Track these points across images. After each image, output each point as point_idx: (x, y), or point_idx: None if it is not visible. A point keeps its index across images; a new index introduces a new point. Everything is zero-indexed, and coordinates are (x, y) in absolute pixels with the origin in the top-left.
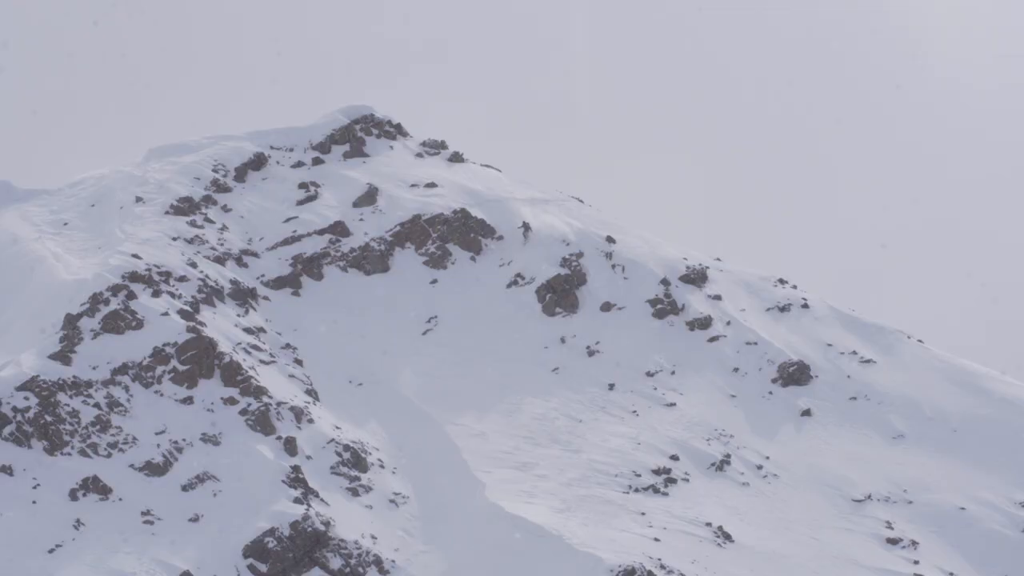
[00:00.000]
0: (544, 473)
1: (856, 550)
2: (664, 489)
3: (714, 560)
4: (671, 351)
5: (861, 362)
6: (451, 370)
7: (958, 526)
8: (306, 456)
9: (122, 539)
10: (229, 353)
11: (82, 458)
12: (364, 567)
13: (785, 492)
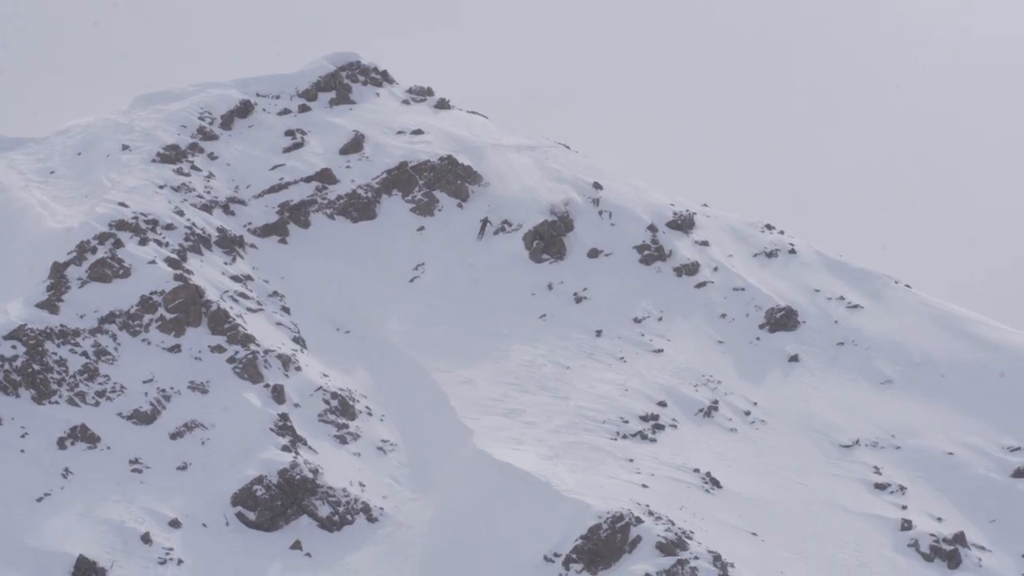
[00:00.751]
0: (532, 420)
1: (844, 495)
2: (652, 435)
3: (702, 506)
4: (658, 297)
5: (848, 307)
6: (438, 317)
7: (946, 471)
8: (294, 404)
9: (110, 488)
10: (216, 301)
11: (70, 407)
12: (352, 514)
13: (773, 438)
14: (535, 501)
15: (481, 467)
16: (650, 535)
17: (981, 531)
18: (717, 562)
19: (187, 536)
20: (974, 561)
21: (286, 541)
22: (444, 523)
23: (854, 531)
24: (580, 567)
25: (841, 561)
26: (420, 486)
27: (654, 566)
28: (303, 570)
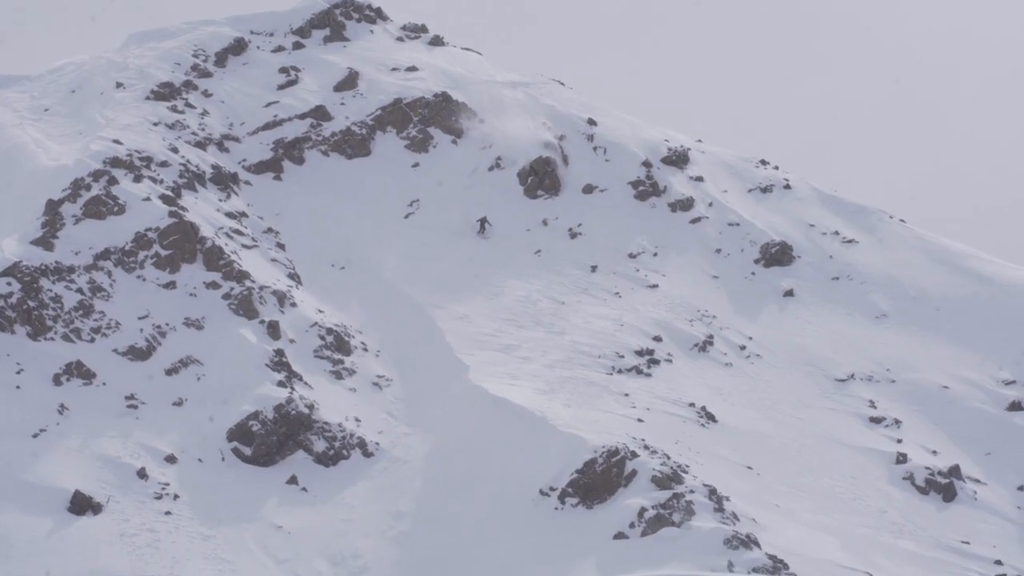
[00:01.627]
0: (527, 355)
1: (839, 429)
2: (647, 370)
3: (697, 440)
4: (653, 233)
5: (843, 242)
6: (433, 253)
7: (941, 404)
8: (289, 340)
9: (106, 423)
10: (211, 238)
11: (65, 343)
12: (348, 449)
13: (768, 372)
14: (530, 436)
15: (476, 402)
16: (645, 469)
17: (976, 464)
18: (712, 496)
19: (183, 471)
20: (969, 494)
21: (282, 476)
22: (439, 458)
23: (849, 464)
24: (575, 501)
25: (836, 494)
26: (415, 421)
27: (649, 500)
28: (299, 505)
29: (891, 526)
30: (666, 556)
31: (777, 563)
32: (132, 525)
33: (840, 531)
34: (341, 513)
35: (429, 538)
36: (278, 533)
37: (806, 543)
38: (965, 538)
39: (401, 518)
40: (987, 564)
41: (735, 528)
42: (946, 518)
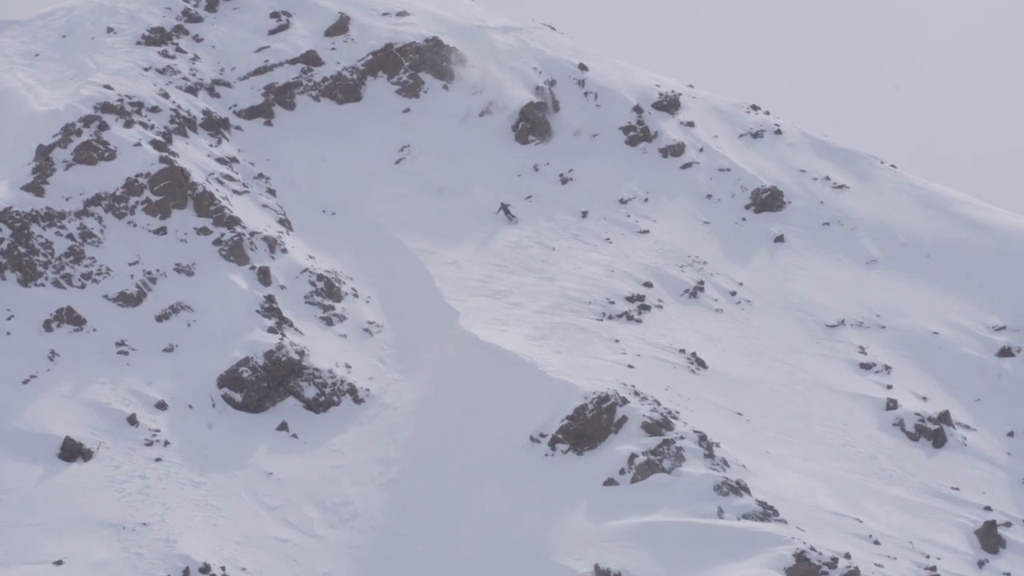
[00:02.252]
0: (518, 301)
1: (829, 375)
2: (637, 316)
3: (688, 386)
4: (644, 178)
5: (834, 187)
6: (424, 199)
7: (931, 350)
8: (280, 286)
9: (96, 370)
10: (202, 183)
11: (56, 289)
12: (338, 396)
13: (758, 318)
14: (521, 382)
15: (467, 348)
16: (636, 415)
17: (966, 410)
18: (702, 442)
19: (173, 418)
20: (959, 440)
21: (272, 422)
22: (430, 404)
23: (839, 410)
24: (566, 447)
25: (826, 440)
26: (406, 367)
27: (639, 446)
28: (289, 451)
29: (881, 472)
30: (656, 502)
31: (767, 509)
32: (122, 472)
33: (830, 477)
34: (331, 459)
35: (419, 484)
36: (268, 479)
37: (796, 489)
38: (955, 484)
39: (391, 464)
40: (976, 510)
41: (725, 474)
42: (936, 464)
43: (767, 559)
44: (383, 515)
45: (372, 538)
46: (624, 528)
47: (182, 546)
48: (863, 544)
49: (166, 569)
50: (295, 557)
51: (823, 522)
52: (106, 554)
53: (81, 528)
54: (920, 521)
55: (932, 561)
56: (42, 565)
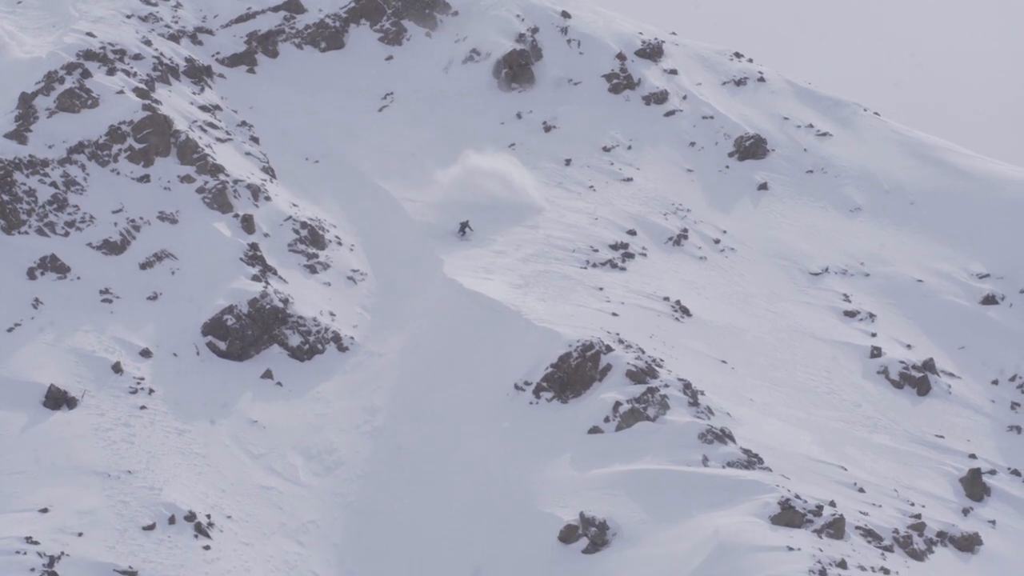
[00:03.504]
0: (502, 249)
1: (813, 323)
2: (621, 264)
3: (672, 334)
4: (627, 126)
5: (818, 135)
6: (407, 146)
7: (915, 298)
8: (264, 234)
9: (81, 318)
10: (185, 131)
11: (40, 237)
12: (323, 344)
13: (742, 266)
14: (505, 330)
15: (451, 296)
16: (620, 363)
17: (950, 358)
18: (687, 390)
19: (158, 366)
20: (943, 388)
21: (257, 370)
22: (414, 352)
23: (824, 358)
24: (550, 395)
25: (811, 388)
26: (390, 315)
27: (624, 394)
28: (274, 399)
29: (865, 420)
30: (641, 450)
31: (752, 457)
32: (107, 419)
33: (814, 425)
34: (316, 408)
35: (404, 433)
36: (253, 427)
37: (780, 437)
38: (939, 432)
39: (376, 412)
40: (961, 458)
41: (710, 422)
42: (920, 412)
43: (752, 507)
44: (368, 463)
45: (357, 486)
46: (609, 476)
47: (167, 494)
48: (848, 492)
49: (152, 517)
50: (280, 505)
51: (808, 470)
52: (91, 502)
53: (66, 476)
54: (905, 469)
55: (917, 509)
56: (28, 513)
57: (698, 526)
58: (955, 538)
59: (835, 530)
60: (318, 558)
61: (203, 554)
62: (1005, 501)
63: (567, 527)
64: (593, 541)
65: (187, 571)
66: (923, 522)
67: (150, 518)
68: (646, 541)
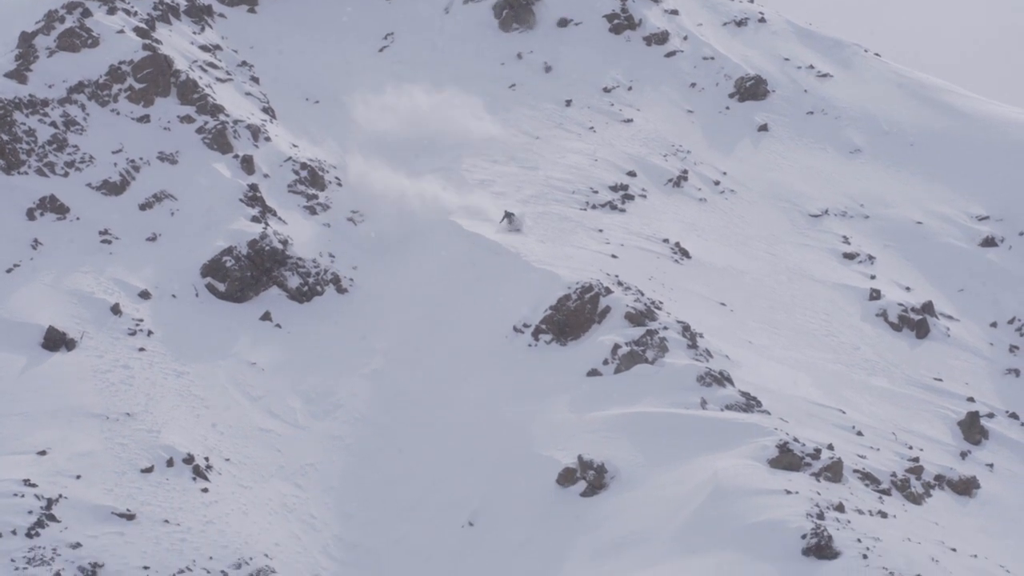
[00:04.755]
0: (501, 191)
1: (813, 265)
2: (621, 205)
3: (671, 276)
4: (628, 66)
5: (818, 76)
6: (408, 89)
7: (914, 240)
8: (263, 174)
9: (80, 259)
10: (185, 71)
11: (39, 177)
12: (322, 285)
13: (742, 207)
14: (505, 272)
15: (451, 238)
16: (619, 305)
17: (949, 300)
18: (686, 332)
19: (157, 307)
20: (942, 330)
21: (256, 312)
22: (414, 294)
23: (823, 301)
24: (549, 337)
25: (810, 331)
26: (390, 256)
27: (623, 336)
28: (273, 341)
29: (864, 363)
30: (640, 393)
31: (750, 400)
32: (106, 361)
33: (813, 368)
34: (315, 350)
35: (403, 375)
36: (252, 370)
37: (779, 380)
38: (938, 375)
39: (375, 355)
40: (960, 401)
41: (708, 365)
42: (919, 355)
43: (750, 450)
44: (367, 406)
45: (356, 428)
46: (607, 419)
47: (166, 436)
48: (846, 435)
49: (150, 459)
50: (279, 447)
51: (806, 413)
52: (90, 444)
53: (65, 418)
54: (903, 412)
55: (915, 452)
56: (26, 455)
57: (696, 469)
58: (953, 481)
59: (833, 473)
60: (316, 501)
61: (201, 497)
62: (1003, 444)
63: (565, 470)
64: (591, 484)
65: (185, 514)
66: (921, 465)
67: (148, 460)
68: (644, 484)
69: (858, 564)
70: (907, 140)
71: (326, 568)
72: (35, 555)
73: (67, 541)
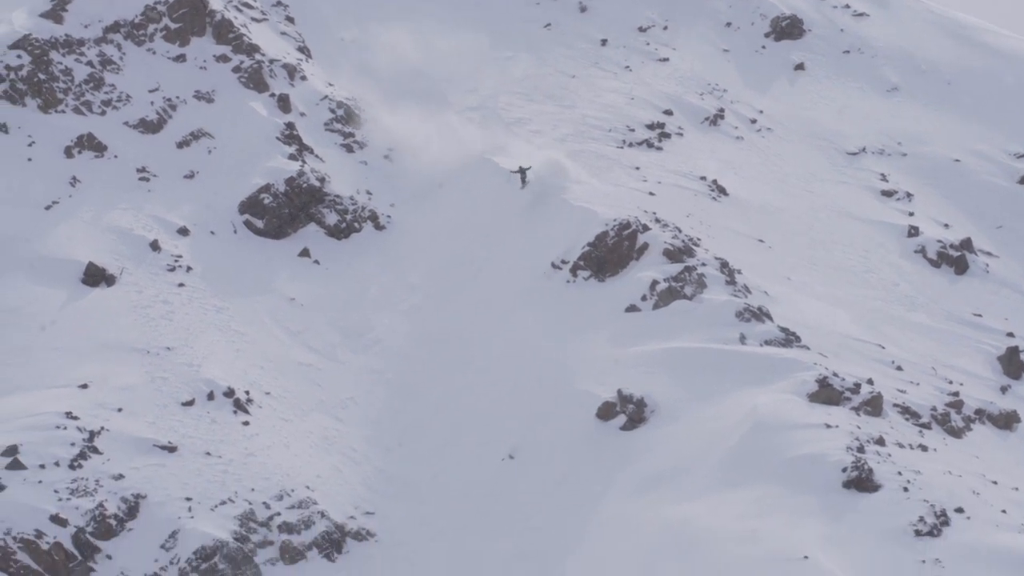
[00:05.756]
0: (538, 129)
1: (850, 202)
2: (658, 144)
3: (708, 213)
4: (663, 6)
5: (854, 15)
6: (443, 28)
7: (952, 177)
8: (300, 113)
9: (118, 196)
10: (220, 11)
11: (76, 116)
12: (359, 222)
13: (779, 145)
14: (543, 210)
15: (488, 176)
16: (657, 242)
17: (987, 237)
18: (724, 268)
19: (195, 244)
20: (981, 267)
21: (294, 248)
22: (451, 231)
23: (861, 238)
24: (587, 274)
25: (848, 267)
26: (427, 194)
27: (661, 273)
28: (311, 277)
29: (903, 299)
30: (678, 329)
31: (789, 335)
32: (145, 297)
33: (852, 304)
34: (353, 286)
35: (441, 311)
36: (291, 305)
37: (818, 316)
38: (977, 311)
39: (413, 291)
40: (999, 336)
41: (747, 301)
42: (958, 291)
43: (789, 385)
44: (405, 341)
45: (394, 363)
46: (646, 354)
47: (206, 370)
48: (885, 370)
49: (191, 393)
50: (318, 382)
51: (846, 348)
52: (131, 378)
53: (105, 353)
54: (943, 347)
55: (955, 387)
56: (68, 388)
57: (736, 404)
58: (993, 415)
59: (873, 408)
60: (356, 434)
61: (242, 430)
62: None
63: (605, 404)
64: (631, 418)
65: (226, 446)
66: (961, 400)
67: (189, 394)
68: (684, 418)
69: (899, 497)
70: (944, 79)
71: (367, 500)
72: (78, 486)
73: (110, 472)
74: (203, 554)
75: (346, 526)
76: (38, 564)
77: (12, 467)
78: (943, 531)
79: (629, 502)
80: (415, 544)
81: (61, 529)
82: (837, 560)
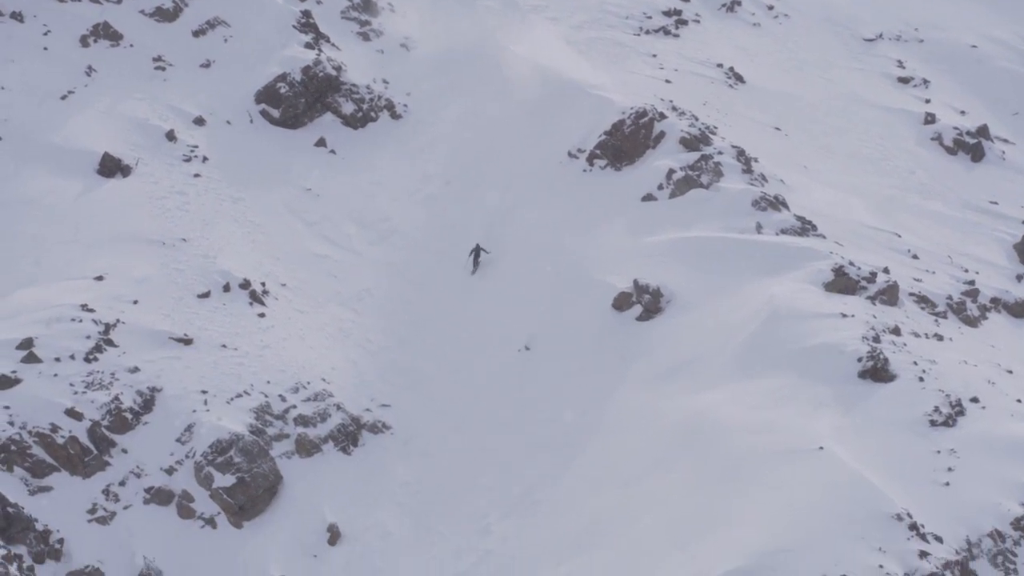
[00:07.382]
0: (554, 16)
1: (867, 89)
2: (675, 31)
3: (725, 100)
4: None
5: None
6: None
7: (969, 64)
8: (316, 1)
9: (134, 85)
10: None
11: (92, 4)
12: (376, 111)
13: (796, 32)
14: (560, 98)
15: (504, 64)
16: (674, 130)
17: (1004, 124)
18: (740, 157)
19: (211, 133)
20: (997, 154)
21: (310, 138)
22: (467, 121)
23: (877, 125)
24: (604, 163)
25: (864, 155)
26: (444, 83)
27: (677, 161)
28: (327, 167)
29: (919, 187)
30: (694, 218)
31: (805, 224)
32: (161, 187)
33: (868, 192)
34: (369, 176)
35: (457, 201)
36: (307, 195)
37: (834, 204)
38: (993, 198)
39: (429, 180)
40: (1015, 224)
41: (763, 189)
42: (974, 178)
43: (805, 274)
44: (421, 232)
45: (410, 254)
46: (662, 243)
47: (222, 262)
48: (901, 258)
49: (206, 284)
50: (334, 273)
51: (861, 236)
52: (146, 270)
53: (121, 244)
54: (959, 235)
55: (971, 275)
56: (83, 280)
57: (752, 293)
58: (1009, 304)
59: (889, 297)
60: (372, 326)
61: (258, 322)
62: None
63: (621, 294)
64: (647, 308)
65: (242, 339)
66: (977, 288)
67: (205, 286)
68: (700, 308)
69: (915, 386)
70: None
71: (382, 392)
72: (94, 379)
73: (125, 365)
74: (219, 447)
75: (362, 419)
76: (53, 458)
77: (27, 360)
78: (958, 421)
79: (644, 393)
80: (431, 436)
81: (76, 423)
82: (852, 450)
